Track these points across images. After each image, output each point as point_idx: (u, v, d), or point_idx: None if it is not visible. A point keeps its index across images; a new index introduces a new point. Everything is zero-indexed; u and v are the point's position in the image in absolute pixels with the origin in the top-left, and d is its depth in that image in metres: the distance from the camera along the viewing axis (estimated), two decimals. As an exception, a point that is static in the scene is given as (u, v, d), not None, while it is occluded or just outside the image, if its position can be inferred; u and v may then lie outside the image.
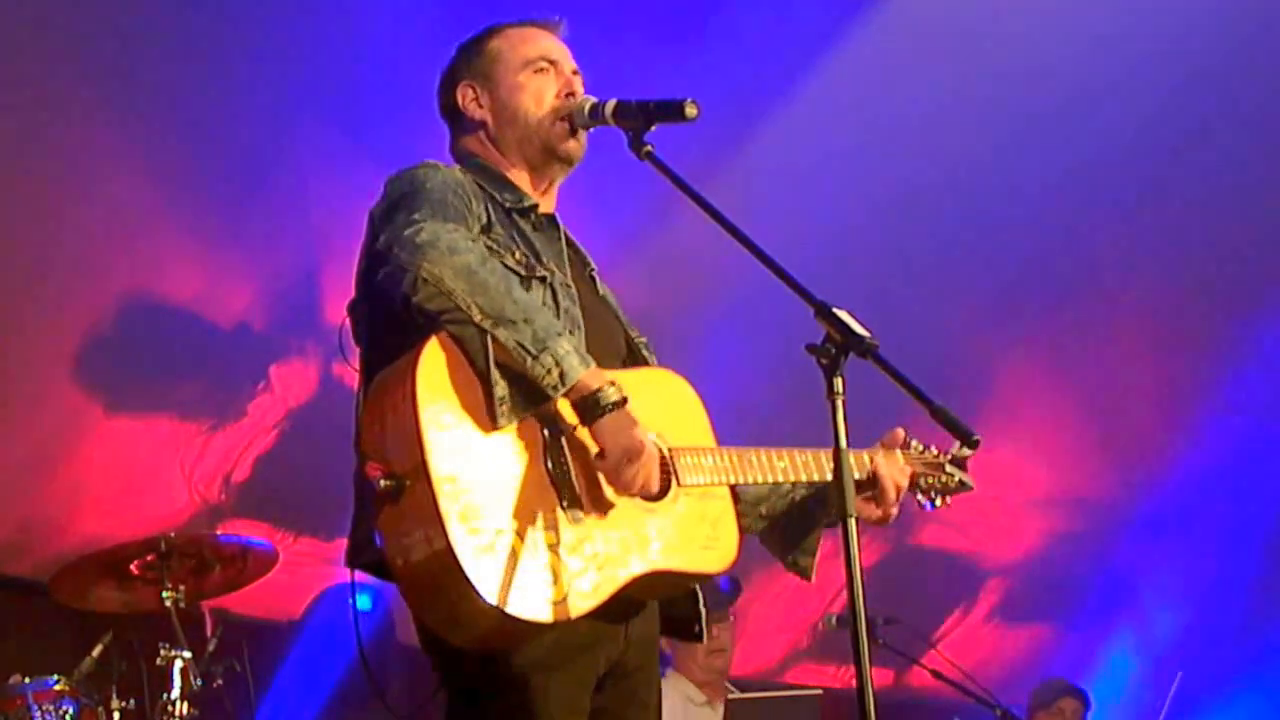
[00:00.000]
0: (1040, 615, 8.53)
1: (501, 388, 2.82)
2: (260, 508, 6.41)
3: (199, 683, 5.09)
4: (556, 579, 2.78)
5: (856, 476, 3.20)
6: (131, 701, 5.15)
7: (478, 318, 2.80)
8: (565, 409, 2.87)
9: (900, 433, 3.32)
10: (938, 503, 3.47)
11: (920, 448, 3.42)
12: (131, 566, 5.22)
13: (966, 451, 3.45)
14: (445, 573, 2.71)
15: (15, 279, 5.72)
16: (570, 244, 3.30)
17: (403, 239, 2.85)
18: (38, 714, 4.85)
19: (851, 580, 2.60)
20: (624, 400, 2.83)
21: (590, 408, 2.82)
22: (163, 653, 5.08)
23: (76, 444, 6.05)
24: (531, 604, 2.74)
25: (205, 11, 5.51)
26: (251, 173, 5.88)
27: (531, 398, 2.84)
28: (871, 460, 3.26)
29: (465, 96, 3.30)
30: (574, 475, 2.86)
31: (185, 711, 5.05)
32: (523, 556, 2.75)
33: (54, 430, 6.03)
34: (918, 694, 7.58)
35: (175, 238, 5.90)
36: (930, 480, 3.43)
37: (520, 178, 3.25)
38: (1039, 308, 7.33)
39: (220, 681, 5.22)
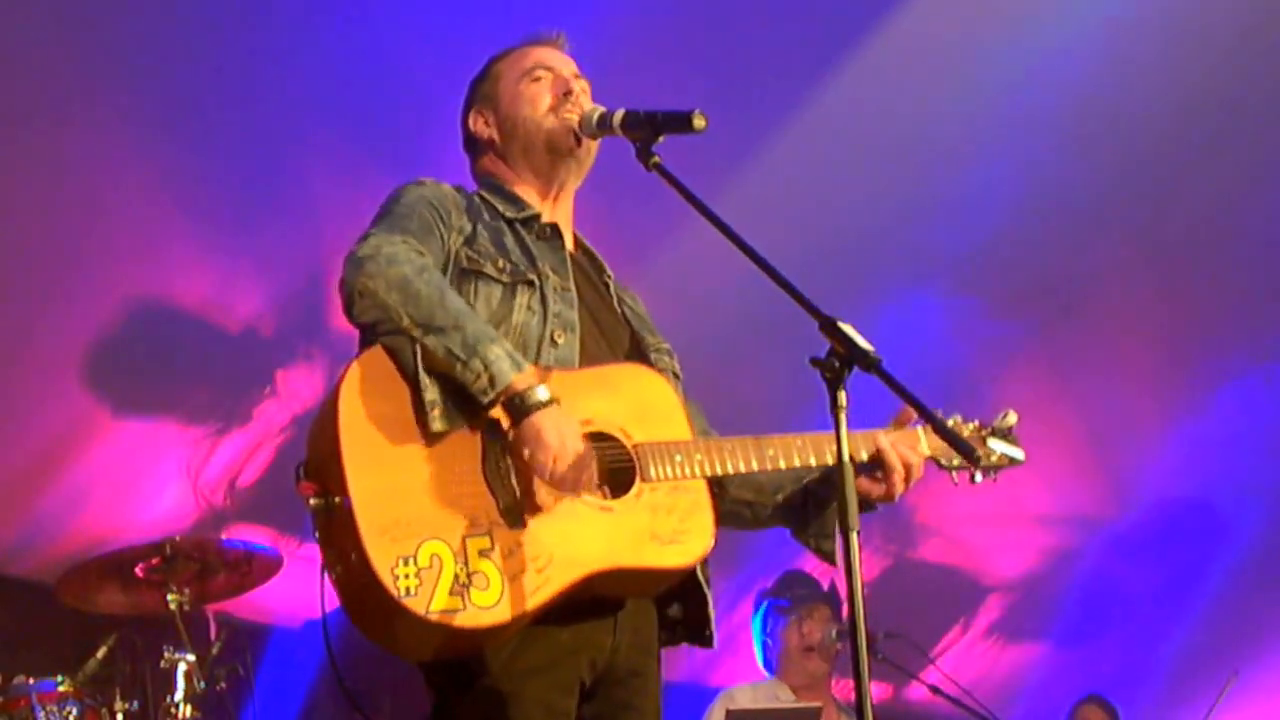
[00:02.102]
0: (1040, 632, 8.53)
1: (432, 392, 2.85)
2: (265, 513, 6.41)
3: (203, 685, 5.11)
4: (489, 583, 2.78)
5: (863, 456, 3.19)
6: (135, 703, 5.18)
7: (407, 325, 2.85)
8: (499, 420, 2.89)
9: (911, 412, 3.25)
10: (978, 478, 3.39)
11: (958, 421, 3.38)
12: (137, 569, 5.24)
13: (1011, 420, 3.43)
14: (369, 587, 2.75)
15: (23, 282, 5.73)
16: (585, 252, 3.35)
17: (349, 254, 2.95)
18: (41, 715, 4.87)
19: (853, 594, 2.60)
20: (551, 401, 2.84)
21: (516, 409, 2.84)
22: (167, 655, 5.11)
23: (83, 447, 6.06)
24: (462, 610, 2.75)
25: (216, 16, 5.52)
26: (260, 178, 5.89)
27: (465, 406, 2.87)
28: (878, 442, 3.23)
29: (476, 122, 3.40)
30: (513, 479, 2.87)
31: (189, 714, 5.07)
32: (451, 564, 2.76)
33: (60, 433, 6.04)
34: (917, 708, 7.58)
35: (183, 243, 5.91)
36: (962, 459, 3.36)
37: (528, 190, 3.32)
38: (1040, 325, 7.34)
39: (224, 685, 5.24)
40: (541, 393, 2.84)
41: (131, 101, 5.54)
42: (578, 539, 2.90)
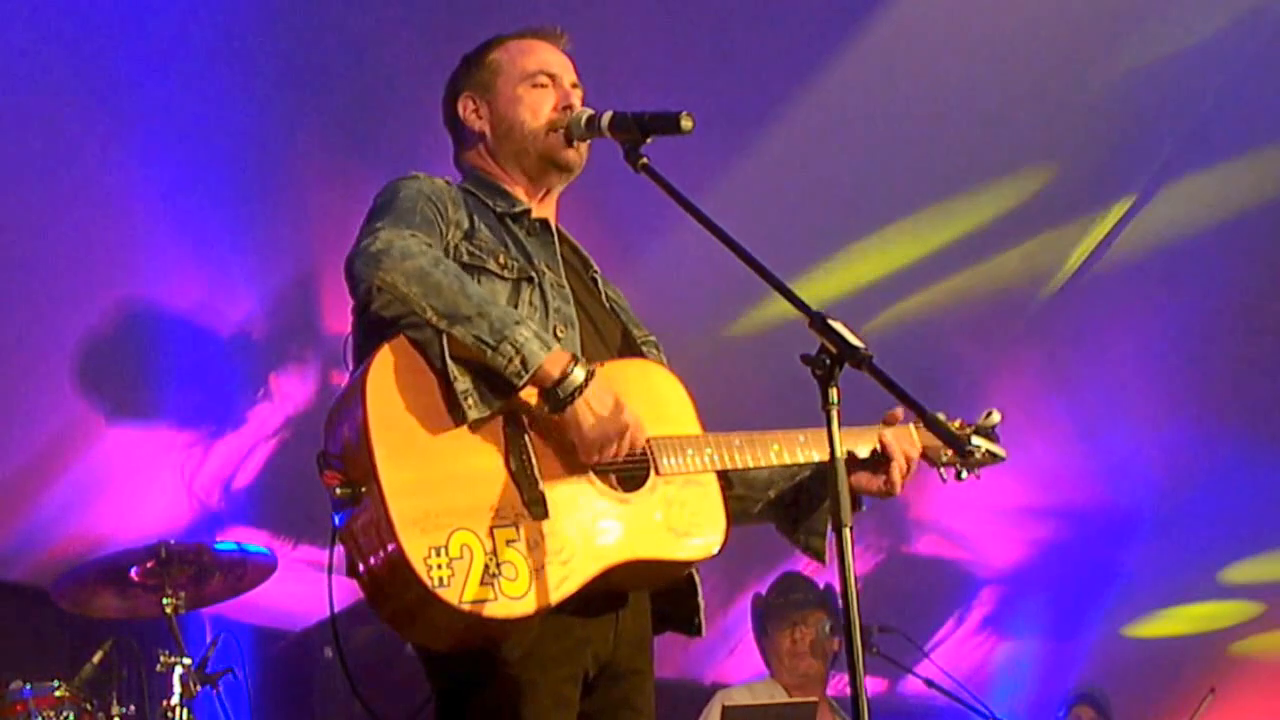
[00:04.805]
0: (1033, 625, 8.55)
1: (463, 382, 2.86)
2: (260, 515, 6.42)
3: (198, 689, 5.12)
4: (518, 573, 2.80)
5: (863, 454, 3.25)
6: (131, 707, 5.19)
7: (432, 318, 2.86)
8: (529, 400, 2.90)
9: (898, 413, 3.31)
10: (963, 475, 3.46)
11: (943, 419, 3.42)
12: (132, 573, 5.25)
13: (995, 419, 3.48)
14: (401, 577, 2.76)
15: (14, 286, 5.73)
16: (571, 247, 3.36)
17: (360, 249, 2.95)
18: None
19: (846, 589, 2.62)
20: (591, 375, 2.87)
21: (556, 397, 2.87)
22: (163, 659, 5.12)
23: (77, 451, 6.06)
24: (493, 601, 2.77)
25: (206, 16, 5.52)
26: (251, 180, 5.90)
27: (497, 391, 2.88)
28: (880, 435, 3.28)
29: (466, 108, 3.37)
30: (537, 470, 2.89)
31: (184, 718, 5.08)
32: (481, 554, 2.78)
33: (54, 438, 6.04)
34: (912, 702, 7.60)
35: (175, 246, 5.91)
36: (951, 454, 3.43)
37: (517, 188, 3.32)
38: (1033, 320, 7.36)
39: (219, 688, 5.25)
40: (578, 372, 2.86)
41: (121, 103, 5.54)
42: (598, 531, 2.93)
